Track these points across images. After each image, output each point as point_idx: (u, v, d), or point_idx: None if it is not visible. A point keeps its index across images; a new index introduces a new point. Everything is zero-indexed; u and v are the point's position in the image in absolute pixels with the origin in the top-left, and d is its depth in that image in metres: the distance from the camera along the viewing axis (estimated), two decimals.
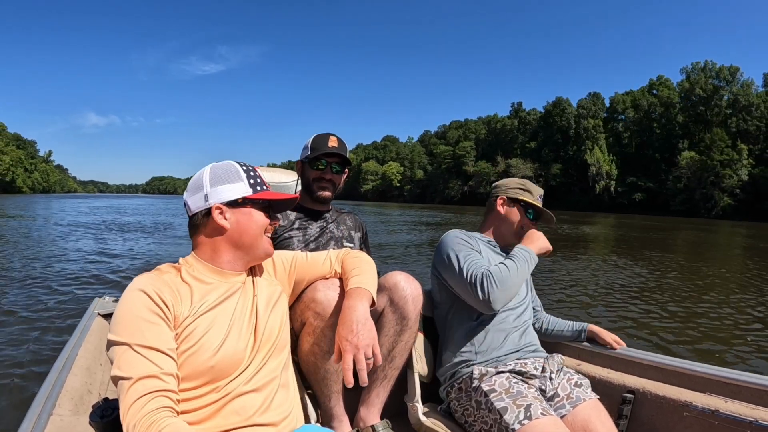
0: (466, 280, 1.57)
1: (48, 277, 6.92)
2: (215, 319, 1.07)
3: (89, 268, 7.85)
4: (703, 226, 32.28)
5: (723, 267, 11.10)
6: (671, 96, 69.30)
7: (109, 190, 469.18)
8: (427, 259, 10.14)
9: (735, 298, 7.05)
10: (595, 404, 1.51)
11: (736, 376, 1.50)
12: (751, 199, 55.43)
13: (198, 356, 1.02)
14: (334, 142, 1.84)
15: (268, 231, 1.20)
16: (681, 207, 59.57)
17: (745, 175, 57.32)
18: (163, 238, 13.88)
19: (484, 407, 1.46)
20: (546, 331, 1.94)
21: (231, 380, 1.05)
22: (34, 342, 3.94)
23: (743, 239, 22.25)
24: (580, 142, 74.29)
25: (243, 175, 1.16)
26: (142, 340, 0.94)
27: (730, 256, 14.48)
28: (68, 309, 5.07)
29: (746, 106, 61.05)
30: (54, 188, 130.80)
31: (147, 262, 8.81)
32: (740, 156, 58.08)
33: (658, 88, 73.15)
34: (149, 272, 1.10)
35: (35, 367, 3.39)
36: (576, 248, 14.01)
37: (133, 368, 0.91)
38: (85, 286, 6.45)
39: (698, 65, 67.54)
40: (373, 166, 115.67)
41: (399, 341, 1.53)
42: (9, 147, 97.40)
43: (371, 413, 1.54)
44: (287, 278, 1.33)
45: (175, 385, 0.95)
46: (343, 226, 1.94)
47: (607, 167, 71.14)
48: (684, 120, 66.29)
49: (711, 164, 58.45)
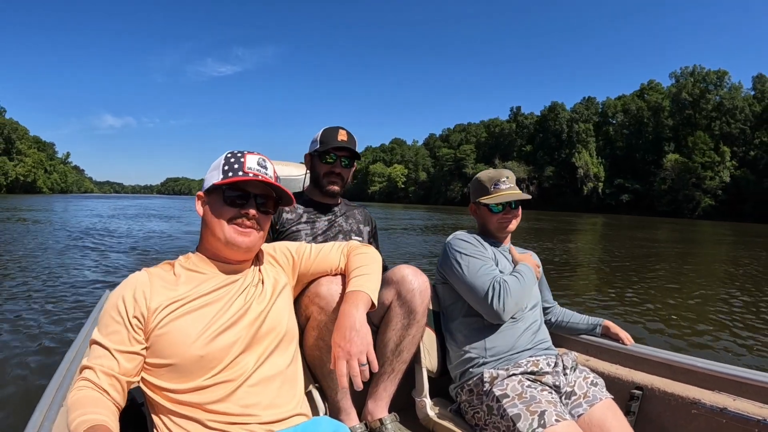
0: (477, 288, 1.51)
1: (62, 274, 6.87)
2: (202, 309, 1.04)
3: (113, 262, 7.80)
4: (678, 226, 32.10)
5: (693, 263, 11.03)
6: (661, 100, 69.09)
7: (125, 190, 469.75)
8: (427, 253, 10.08)
9: (735, 293, 6.94)
10: (610, 404, 1.44)
11: (745, 374, 1.43)
12: (733, 201, 55.40)
13: (179, 343, 0.99)
14: (344, 135, 1.76)
15: (238, 219, 1.09)
16: (666, 208, 59.57)
17: (727, 176, 57.20)
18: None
19: (496, 413, 1.38)
20: (561, 323, 1.86)
21: (231, 374, 1.01)
22: (46, 334, 3.88)
23: (714, 237, 22.18)
24: (571, 146, 74.28)
25: (221, 162, 1.12)
26: (99, 338, 1.00)
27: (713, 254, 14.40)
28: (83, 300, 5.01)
29: (730, 109, 60.82)
30: (71, 189, 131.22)
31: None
32: (722, 158, 58.01)
33: (648, 92, 73.00)
34: (139, 271, 1.10)
35: (47, 358, 3.33)
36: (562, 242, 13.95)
37: (89, 358, 0.99)
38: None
39: (687, 70, 67.24)
40: (380, 168, 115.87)
41: (407, 335, 1.48)
42: (31, 150, 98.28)
43: (379, 407, 1.50)
44: (291, 269, 1.26)
45: (107, 382, 0.96)
46: (352, 220, 1.87)
47: (595, 169, 71.16)
48: (674, 123, 66.13)
49: (692, 166, 58.45)
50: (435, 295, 1.72)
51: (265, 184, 1.12)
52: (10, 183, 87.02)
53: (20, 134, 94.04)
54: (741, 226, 37.54)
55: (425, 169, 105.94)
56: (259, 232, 1.13)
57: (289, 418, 1.05)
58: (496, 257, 1.65)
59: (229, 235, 1.09)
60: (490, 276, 1.53)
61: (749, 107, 60.35)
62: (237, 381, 1.01)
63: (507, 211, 1.67)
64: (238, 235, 1.09)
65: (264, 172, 1.12)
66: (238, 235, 1.09)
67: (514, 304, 1.49)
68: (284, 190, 1.14)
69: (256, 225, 1.12)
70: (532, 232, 19.07)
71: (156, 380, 1.01)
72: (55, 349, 3.50)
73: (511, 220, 1.68)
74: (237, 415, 0.99)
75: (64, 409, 1.06)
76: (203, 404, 0.98)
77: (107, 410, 0.92)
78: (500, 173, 1.71)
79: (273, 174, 1.15)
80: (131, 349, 0.99)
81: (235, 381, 1.01)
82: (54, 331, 3.98)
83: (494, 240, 1.72)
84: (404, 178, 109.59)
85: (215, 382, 1.00)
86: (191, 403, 0.98)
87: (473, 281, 1.53)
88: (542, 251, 11.65)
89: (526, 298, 1.56)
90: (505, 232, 1.69)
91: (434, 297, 1.71)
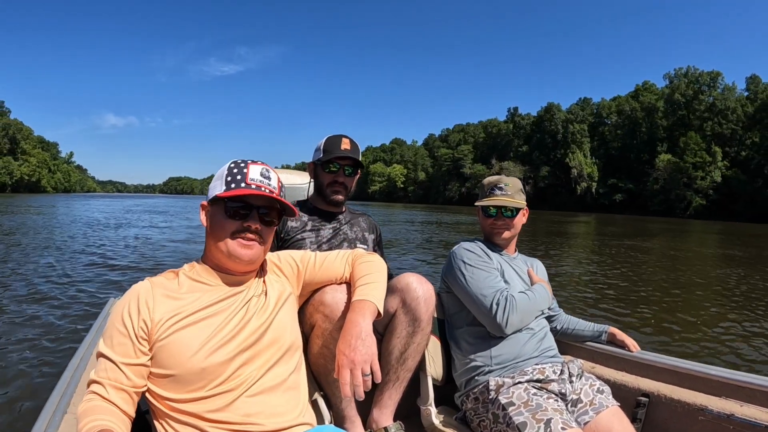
0: (481, 299, 1.49)
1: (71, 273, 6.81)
2: (204, 321, 1.02)
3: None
4: (667, 225, 32.09)
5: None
6: (655, 101, 69.00)
7: (127, 190, 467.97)
8: (426, 254, 10.06)
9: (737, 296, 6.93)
10: (616, 411, 1.42)
11: (753, 380, 1.40)
12: (725, 200, 55.48)
13: (181, 354, 0.98)
14: (347, 144, 1.73)
15: (240, 231, 1.07)
16: (659, 207, 59.61)
17: (719, 176, 57.27)
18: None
19: (501, 421, 1.35)
20: (567, 330, 1.83)
21: (232, 385, 1.00)
22: (51, 340, 3.83)
23: (703, 237, 22.17)
24: (566, 146, 74.32)
25: (224, 173, 1.10)
26: (105, 350, 0.99)
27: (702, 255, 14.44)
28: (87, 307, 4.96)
29: (722, 110, 60.79)
30: (74, 188, 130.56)
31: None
32: (714, 158, 58.06)
33: (643, 93, 72.97)
34: (142, 281, 1.09)
35: (51, 365, 3.29)
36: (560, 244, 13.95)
37: (96, 372, 0.99)
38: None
39: (681, 71, 67.16)
40: (380, 168, 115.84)
41: (411, 343, 1.45)
42: (35, 150, 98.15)
43: (384, 415, 1.47)
44: (296, 278, 1.24)
45: (116, 396, 0.96)
46: (356, 228, 1.84)
47: (589, 169, 71.18)
48: (668, 124, 66.09)
49: (684, 166, 58.51)
50: (440, 303, 1.69)
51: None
52: (15, 182, 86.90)
53: (25, 134, 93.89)
54: (733, 225, 37.59)
55: (424, 169, 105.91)
56: (262, 245, 1.11)
57: (293, 427, 1.03)
58: (502, 267, 1.62)
59: (231, 248, 1.07)
60: (495, 288, 1.50)
61: (742, 108, 60.35)
62: (238, 391, 1.00)
63: (498, 217, 1.64)
64: (241, 248, 1.07)
65: (267, 183, 1.09)
66: (240, 248, 1.07)
67: (518, 320, 1.47)
68: (286, 203, 1.12)
69: (259, 237, 1.09)
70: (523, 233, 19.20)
71: (157, 389, 1.00)
72: (59, 355, 3.45)
73: (501, 227, 1.64)
74: (238, 423, 0.98)
75: (69, 417, 1.06)
76: (204, 413, 0.97)
77: (117, 419, 0.92)
78: (500, 179, 1.68)
79: (277, 184, 1.12)
80: (137, 362, 0.98)
81: (236, 391, 1.00)
82: (59, 336, 3.93)
83: (499, 248, 1.69)
84: (403, 178, 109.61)
85: (216, 393, 0.99)
86: (192, 412, 0.98)
87: (477, 292, 1.50)
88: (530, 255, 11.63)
89: (533, 315, 1.54)
90: (500, 238, 1.66)
91: (439, 305, 1.68)
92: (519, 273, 1.66)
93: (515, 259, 1.71)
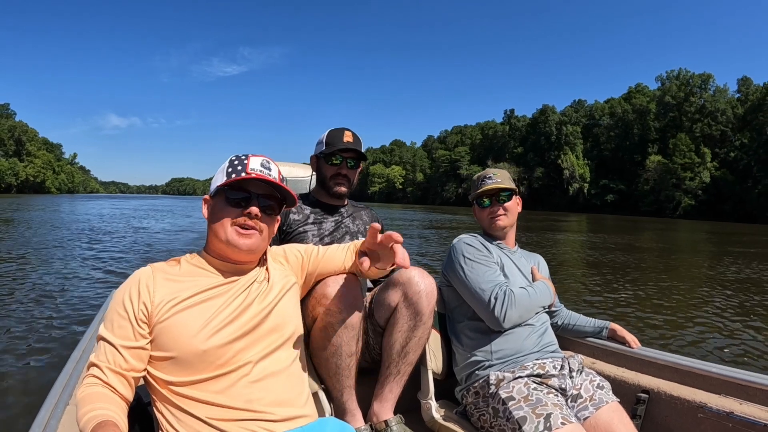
0: (480, 294, 1.47)
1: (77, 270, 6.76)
2: (204, 303, 1.02)
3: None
4: (655, 225, 32.17)
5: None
6: (647, 103, 68.90)
7: (130, 190, 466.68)
8: (427, 249, 10.04)
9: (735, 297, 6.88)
10: (616, 407, 1.39)
11: (752, 378, 1.38)
12: (714, 201, 55.63)
13: (181, 336, 0.97)
14: (349, 137, 1.71)
15: (240, 219, 1.06)
16: (649, 207, 59.77)
17: (707, 177, 57.42)
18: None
19: (501, 416, 1.33)
20: (567, 326, 1.80)
21: (232, 368, 0.98)
22: (54, 332, 3.81)
23: (694, 237, 22.25)
24: (560, 147, 74.40)
25: (226, 166, 1.10)
26: (105, 334, 0.99)
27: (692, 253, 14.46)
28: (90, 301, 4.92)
29: (712, 112, 60.86)
30: (78, 189, 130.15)
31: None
32: (703, 159, 58.19)
33: (636, 95, 73.02)
34: (144, 267, 1.08)
35: (54, 356, 3.26)
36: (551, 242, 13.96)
37: (96, 354, 0.98)
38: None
39: (672, 73, 67.28)
40: (380, 169, 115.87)
41: (412, 337, 1.43)
42: (40, 151, 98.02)
43: (384, 408, 1.45)
44: (300, 268, 1.24)
45: (114, 379, 0.95)
46: (358, 221, 1.82)
47: (581, 171, 71.28)
48: (660, 126, 66.19)
49: (673, 167, 58.65)
50: (441, 297, 1.66)
51: (268, 183, 1.07)
52: (20, 183, 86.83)
53: (30, 136, 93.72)
54: (722, 225, 37.69)
55: (422, 170, 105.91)
56: (262, 234, 1.08)
57: (295, 418, 1.00)
58: (502, 261, 1.60)
59: (230, 236, 1.05)
60: (494, 282, 1.48)
61: (732, 110, 60.41)
62: (237, 374, 0.98)
63: (493, 204, 1.63)
64: (240, 237, 1.06)
65: (267, 173, 1.07)
66: (239, 237, 1.06)
67: (517, 315, 1.45)
68: (287, 189, 1.09)
69: (259, 226, 1.07)
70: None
71: (158, 372, 0.99)
72: (62, 346, 3.43)
73: (498, 213, 1.62)
74: (239, 409, 0.95)
75: (72, 407, 1.05)
76: (204, 397, 0.96)
77: (115, 405, 0.91)
78: (488, 171, 1.69)
79: (277, 176, 1.10)
80: (136, 345, 0.97)
81: (236, 374, 0.98)
82: (61, 328, 3.91)
83: (498, 241, 1.67)
84: (402, 179, 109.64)
85: (215, 375, 0.97)
86: (193, 396, 0.96)
87: (476, 287, 1.48)
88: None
89: (533, 312, 1.51)
90: (498, 227, 1.64)
91: (440, 299, 1.65)
92: (519, 267, 1.63)
93: (515, 253, 1.68)
